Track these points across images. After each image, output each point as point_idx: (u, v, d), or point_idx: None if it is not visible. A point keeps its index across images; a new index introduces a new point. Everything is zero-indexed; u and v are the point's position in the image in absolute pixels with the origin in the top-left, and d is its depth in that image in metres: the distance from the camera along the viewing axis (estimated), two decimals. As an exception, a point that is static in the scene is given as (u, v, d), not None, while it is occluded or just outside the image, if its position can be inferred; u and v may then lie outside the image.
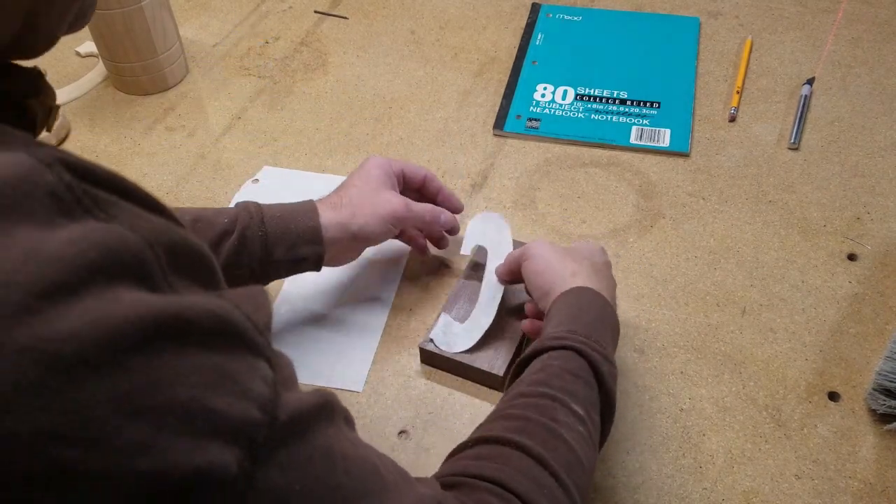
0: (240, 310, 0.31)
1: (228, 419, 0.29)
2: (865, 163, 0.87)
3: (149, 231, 0.30)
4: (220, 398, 0.29)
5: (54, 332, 0.25)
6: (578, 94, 0.96)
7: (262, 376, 0.31)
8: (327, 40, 1.07)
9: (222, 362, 0.29)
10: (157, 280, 0.29)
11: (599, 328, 0.57)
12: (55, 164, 0.28)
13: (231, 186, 0.87)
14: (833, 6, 1.08)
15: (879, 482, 0.62)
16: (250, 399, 0.30)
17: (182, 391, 0.28)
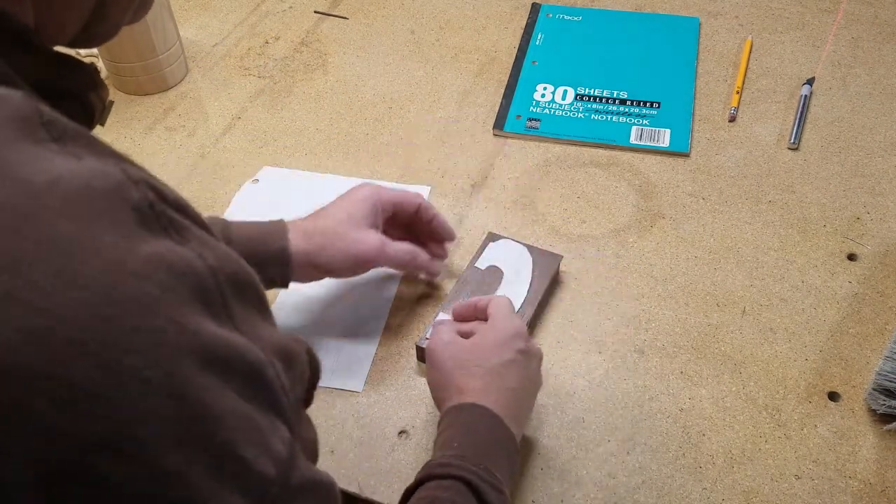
0: (273, 367, 0.32)
1: (251, 471, 0.29)
2: (865, 163, 0.87)
3: (215, 259, 0.31)
4: (248, 448, 0.29)
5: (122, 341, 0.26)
6: (578, 94, 0.96)
7: (281, 437, 0.31)
8: (327, 40, 1.07)
9: (252, 413, 0.30)
10: (216, 309, 0.30)
11: (490, 452, 0.54)
12: (141, 183, 0.30)
13: (231, 186, 0.87)
14: (833, 6, 1.08)
15: (879, 482, 0.62)
16: (270, 456, 0.30)
17: (221, 432, 0.28)
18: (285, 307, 0.75)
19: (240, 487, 0.28)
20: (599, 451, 0.64)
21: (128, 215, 0.29)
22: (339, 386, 0.69)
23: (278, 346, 0.33)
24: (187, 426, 0.27)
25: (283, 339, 0.34)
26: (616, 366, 0.70)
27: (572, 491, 0.62)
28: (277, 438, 0.31)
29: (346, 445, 0.65)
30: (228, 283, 0.31)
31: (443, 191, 0.86)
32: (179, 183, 0.88)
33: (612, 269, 0.77)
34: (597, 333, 0.72)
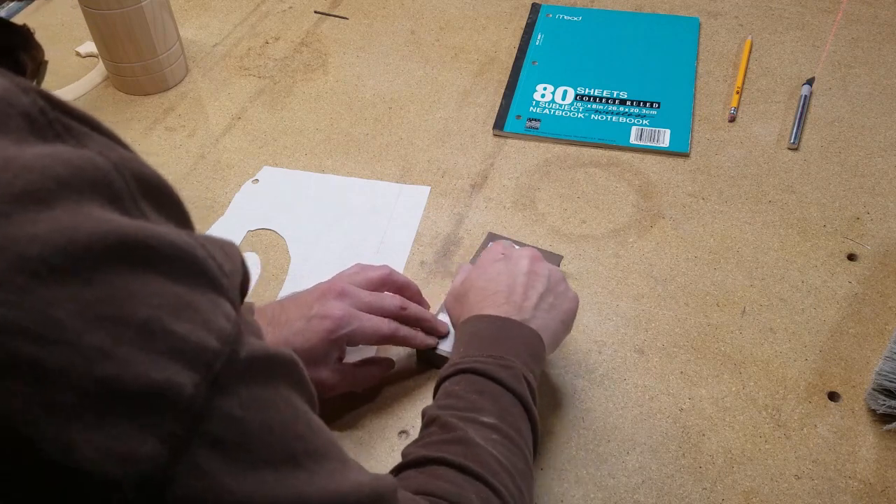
0: (205, 249, 0.32)
1: (187, 343, 0.29)
2: (865, 163, 0.87)
3: (119, 158, 0.31)
4: (180, 323, 0.29)
5: (23, 234, 0.26)
6: (578, 95, 0.96)
7: (225, 313, 0.31)
8: (327, 40, 1.07)
9: (184, 293, 0.30)
10: (126, 204, 0.30)
11: (494, 343, 0.57)
12: (31, 91, 0.30)
13: (231, 186, 0.87)
14: (833, 6, 1.08)
15: (879, 482, 0.62)
16: (211, 330, 0.30)
17: (143, 310, 0.28)
18: (285, 307, 0.75)
19: (177, 359, 0.28)
20: (599, 451, 0.64)
21: (17, 122, 0.29)
22: (339, 386, 0.69)
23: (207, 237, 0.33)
24: (103, 306, 0.27)
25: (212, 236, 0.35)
26: (616, 366, 0.70)
27: (572, 491, 0.62)
28: (220, 314, 0.31)
29: (346, 445, 0.65)
30: (136, 181, 0.31)
31: (443, 191, 0.86)
32: (179, 183, 0.88)
33: (612, 269, 0.77)
34: (597, 333, 0.72)
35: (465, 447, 0.49)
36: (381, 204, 0.85)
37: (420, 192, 0.86)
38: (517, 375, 0.55)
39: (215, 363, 0.30)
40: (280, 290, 0.77)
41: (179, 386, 0.28)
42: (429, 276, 0.77)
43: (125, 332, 0.27)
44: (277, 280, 0.78)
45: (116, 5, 0.89)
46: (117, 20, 0.90)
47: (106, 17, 0.90)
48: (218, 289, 0.32)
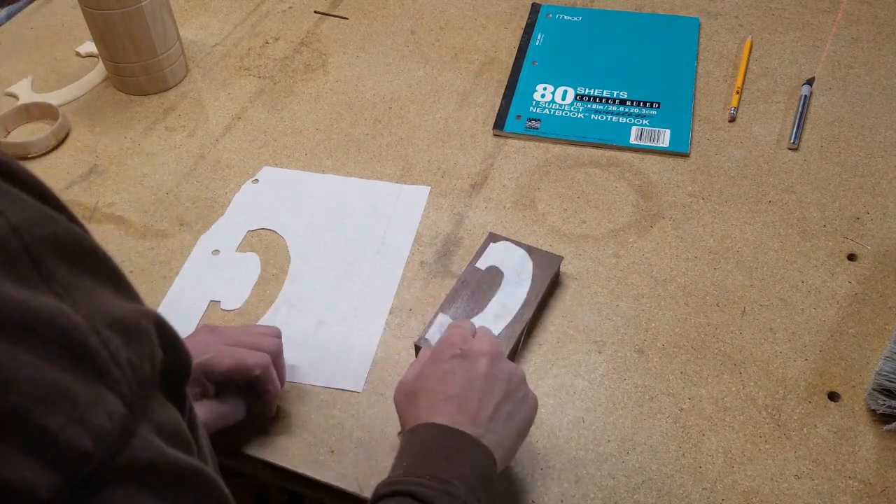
0: (98, 335, 0.29)
1: (53, 441, 0.26)
2: (865, 163, 0.87)
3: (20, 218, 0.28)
4: (51, 417, 0.26)
5: None
6: (578, 95, 0.96)
7: (108, 410, 0.28)
8: (327, 40, 1.07)
9: (63, 381, 0.27)
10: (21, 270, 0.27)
11: (440, 461, 0.51)
12: None
13: (231, 186, 0.87)
14: (833, 6, 1.08)
15: (879, 482, 0.62)
16: (85, 428, 0.27)
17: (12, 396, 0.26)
18: (285, 307, 0.75)
19: (39, 456, 0.26)
20: (599, 451, 0.64)
21: None
22: (339, 386, 0.69)
23: (115, 318, 0.30)
24: None
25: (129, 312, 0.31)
26: (616, 366, 0.70)
27: (572, 491, 0.62)
28: (101, 411, 0.28)
29: (346, 445, 0.65)
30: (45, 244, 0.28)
31: (443, 191, 0.86)
32: (179, 183, 0.88)
33: (612, 269, 0.77)
34: (597, 333, 0.72)
35: None
36: (381, 204, 0.85)
37: (420, 192, 0.86)
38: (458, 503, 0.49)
39: (84, 466, 0.27)
40: (280, 289, 0.77)
41: (33, 487, 0.26)
42: (429, 276, 0.77)
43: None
44: (277, 280, 0.78)
45: (116, 5, 0.89)
46: (117, 20, 0.90)
47: (106, 17, 0.90)
48: (105, 381, 0.29)
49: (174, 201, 0.86)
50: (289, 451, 0.65)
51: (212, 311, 0.75)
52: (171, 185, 0.88)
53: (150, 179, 0.88)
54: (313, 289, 0.77)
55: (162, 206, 0.85)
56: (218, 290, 0.77)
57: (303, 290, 0.77)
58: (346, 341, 0.72)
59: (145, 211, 0.85)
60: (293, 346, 0.71)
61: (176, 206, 0.85)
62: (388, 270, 0.78)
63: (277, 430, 0.66)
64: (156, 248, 0.81)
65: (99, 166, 0.90)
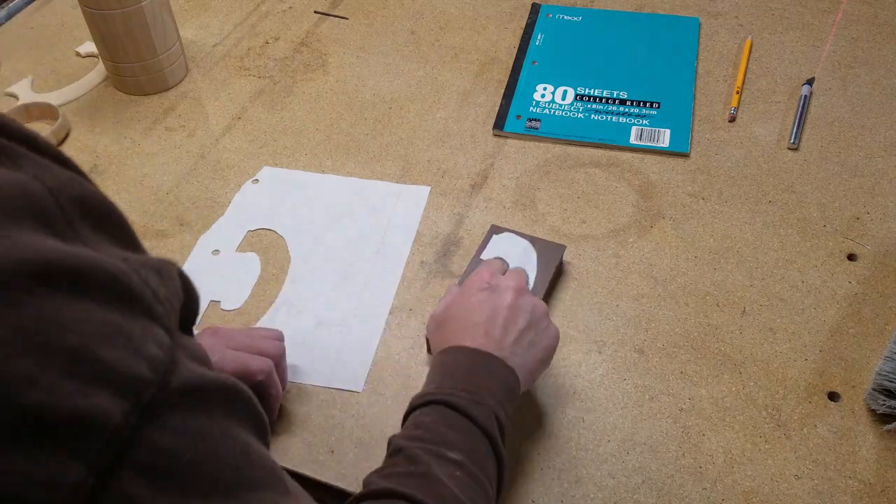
0: (139, 275, 0.31)
1: (116, 371, 0.29)
2: (865, 163, 0.87)
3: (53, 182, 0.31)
4: (110, 350, 0.29)
5: None
6: (578, 95, 0.96)
7: (157, 341, 0.31)
8: (327, 40, 1.07)
9: (115, 319, 0.30)
10: (59, 227, 0.30)
11: (468, 377, 0.56)
12: None
13: (231, 186, 0.87)
14: (833, 6, 1.08)
15: (879, 482, 0.62)
16: (141, 357, 0.30)
17: (71, 337, 0.28)
18: (285, 307, 0.75)
19: (106, 387, 0.28)
20: (599, 451, 0.64)
21: None
22: (339, 386, 0.69)
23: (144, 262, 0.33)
24: (32, 333, 0.27)
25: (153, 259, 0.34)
26: (616, 366, 0.70)
27: (572, 491, 0.62)
28: (152, 342, 0.31)
29: (346, 445, 0.65)
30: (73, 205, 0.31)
31: (443, 191, 0.86)
32: (179, 183, 0.88)
33: (612, 269, 0.77)
34: (597, 333, 0.72)
35: (426, 482, 0.49)
36: (381, 204, 0.85)
37: (420, 192, 0.86)
38: (489, 414, 0.54)
39: (145, 392, 0.30)
40: (280, 289, 0.77)
41: (106, 414, 0.28)
42: (429, 276, 0.77)
43: (54, 359, 0.27)
44: (277, 280, 0.78)
45: (116, 5, 0.89)
46: (117, 20, 0.90)
47: (106, 17, 0.90)
48: (151, 315, 0.31)
49: (174, 201, 0.86)
50: (289, 451, 0.65)
51: (212, 311, 0.75)
52: (171, 185, 0.88)
53: (150, 179, 0.88)
54: (313, 289, 0.77)
55: (162, 206, 0.85)
56: (218, 290, 0.77)
57: (303, 290, 0.77)
58: (346, 341, 0.72)
59: (145, 211, 0.85)
60: (293, 346, 0.71)
61: (176, 206, 0.85)
62: (388, 270, 0.78)
63: (277, 430, 0.66)
64: (156, 248, 0.81)
65: (99, 166, 0.90)
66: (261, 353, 0.63)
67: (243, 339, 0.63)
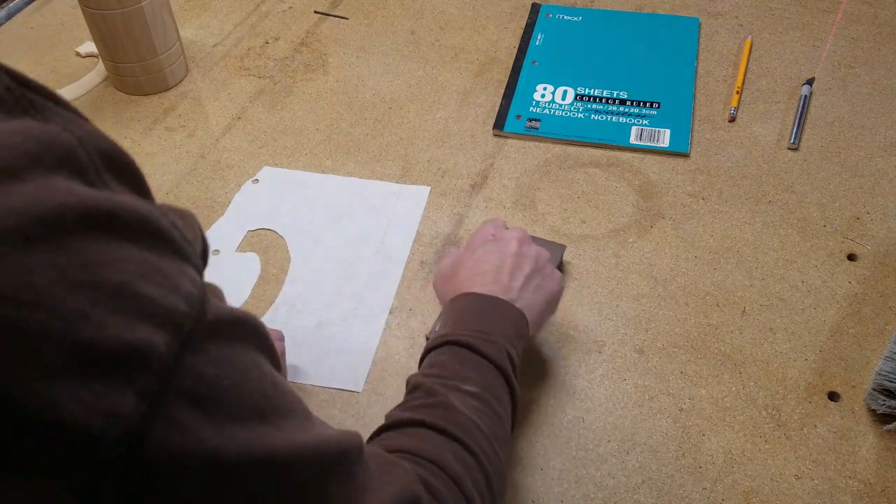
0: (167, 218, 0.33)
1: (157, 306, 0.30)
2: (865, 163, 0.87)
3: (82, 132, 0.32)
4: (151, 287, 0.30)
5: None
6: (578, 95, 0.96)
7: (191, 279, 0.33)
8: (327, 40, 1.07)
9: (152, 259, 0.31)
10: (90, 176, 0.31)
11: (479, 319, 0.58)
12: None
13: (231, 186, 0.87)
14: (833, 6, 1.08)
15: (879, 482, 0.62)
16: (179, 293, 0.31)
17: (114, 274, 0.29)
18: (285, 307, 0.75)
19: (149, 320, 0.30)
20: (599, 451, 0.64)
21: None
22: (339, 386, 0.69)
23: (168, 208, 0.35)
24: (79, 272, 0.28)
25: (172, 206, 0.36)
26: (616, 366, 0.70)
27: (572, 491, 0.62)
28: (186, 279, 0.32)
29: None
30: (100, 156, 0.32)
31: (443, 191, 0.86)
32: (179, 183, 0.88)
33: (612, 269, 0.77)
34: (597, 333, 0.72)
35: (445, 411, 0.51)
36: (380, 204, 0.85)
37: (420, 192, 0.86)
38: (500, 351, 0.56)
39: (185, 324, 0.31)
40: (280, 289, 0.77)
41: (153, 345, 0.29)
42: (429, 276, 0.77)
43: (100, 296, 0.29)
44: (277, 280, 0.78)
45: (116, 5, 0.89)
46: (117, 20, 0.90)
47: (106, 17, 0.90)
48: (182, 255, 0.33)
49: (174, 201, 0.86)
50: (289, 451, 0.65)
51: (212, 311, 0.75)
52: (171, 185, 0.88)
53: (150, 179, 0.87)
54: (313, 289, 0.77)
55: (162, 206, 0.85)
56: (218, 290, 0.77)
57: (303, 290, 0.77)
58: (346, 341, 0.72)
59: (145, 211, 0.85)
60: (293, 345, 0.71)
61: (176, 205, 0.85)
62: (388, 270, 0.78)
63: (277, 430, 0.66)
64: (156, 248, 0.81)
65: (99, 166, 0.90)
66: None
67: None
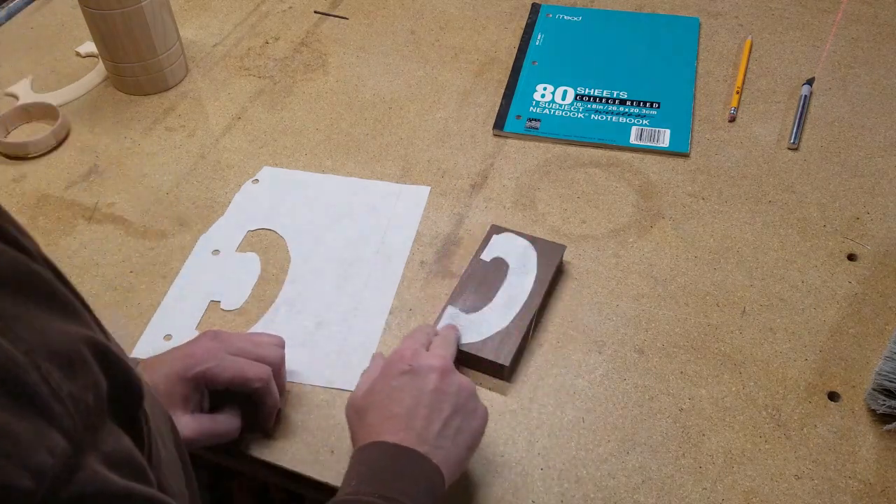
0: (39, 372, 0.29)
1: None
2: (865, 163, 0.87)
3: None
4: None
5: None
6: (578, 95, 0.96)
7: (50, 446, 0.28)
8: (327, 40, 1.07)
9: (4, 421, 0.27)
10: None
11: (388, 478, 0.52)
12: None
13: (231, 186, 0.87)
14: (833, 6, 1.08)
15: (879, 482, 0.62)
16: (26, 467, 0.27)
17: None
18: (285, 307, 0.75)
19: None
20: (599, 451, 0.64)
21: None
22: (339, 386, 0.69)
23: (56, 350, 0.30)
24: None
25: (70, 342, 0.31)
26: (616, 366, 0.70)
27: (572, 491, 0.62)
28: (42, 447, 0.28)
29: (346, 445, 0.65)
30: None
31: (443, 191, 0.86)
32: (179, 183, 0.88)
33: (612, 269, 0.77)
34: (597, 333, 0.72)
35: None
36: (381, 204, 0.85)
37: (420, 192, 0.86)
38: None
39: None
40: (280, 289, 0.77)
41: None
42: (429, 276, 0.77)
43: None
44: (277, 280, 0.78)
45: (116, 5, 0.89)
46: (117, 20, 0.90)
47: (106, 17, 0.90)
48: (47, 416, 0.29)
49: (174, 201, 0.86)
50: (289, 452, 0.65)
51: (212, 311, 0.75)
52: (171, 185, 0.88)
53: (150, 179, 0.88)
54: (313, 289, 0.77)
55: (162, 206, 0.85)
56: (218, 290, 0.77)
57: (303, 290, 0.77)
58: (346, 341, 0.72)
59: (145, 211, 0.85)
60: (293, 346, 0.71)
61: (176, 206, 0.85)
62: (388, 270, 0.78)
63: (277, 430, 0.66)
64: (156, 248, 0.81)
65: (99, 166, 0.90)
66: (260, 359, 0.62)
67: (243, 344, 0.63)
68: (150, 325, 0.74)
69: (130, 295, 0.77)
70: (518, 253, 0.75)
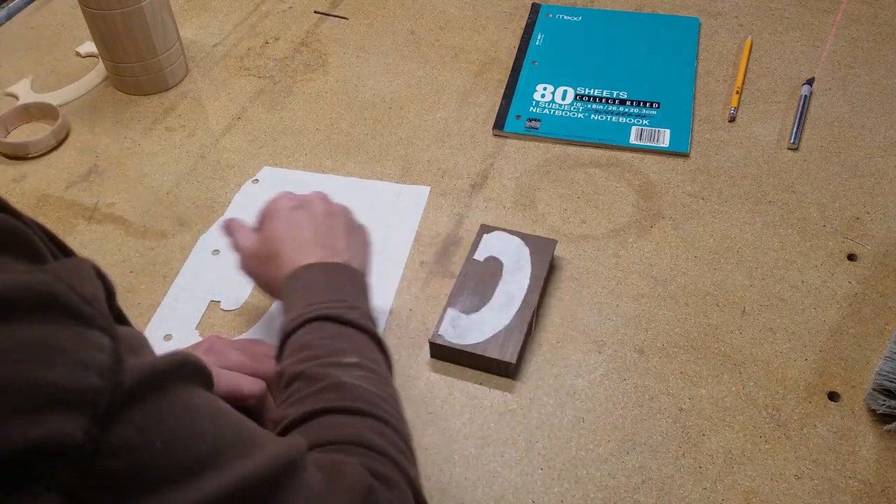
0: (63, 282, 0.30)
1: (64, 390, 0.28)
2: (865, 163, 0.87)
3: None
4: (52, 370, 0.28)
5: None
6: (578, 95, 0.96)
7: (96, 345, 0.30)
8: (327, 40, 1.07)
9: (49, 335, 0.29)
10: None
11: (335, 288, 0.58)
12: None
13: (231, 186, 0.87)
14: (833, 6, 1.08)
15: (879, 482, 0.62)
16: (87, 367, 0.29)
17: (6, 369, 0.27)
18: (285, 307, 0.75)
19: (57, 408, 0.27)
20: (599, 451, 0.64)
21: None
22: (339, 386, 0.69)
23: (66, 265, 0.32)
24: None
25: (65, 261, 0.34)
26: (616, 366, 0.70)
27: (572, 491, 0.62)
28: (91, 348, 0.30)
29: (346, 445, 0.65)
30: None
31: (443, 191, 0.86)
32: (179, 183, 0.88)
33: (612, 269, 0.77)
34: (597, 333, 0.72)
35: (340, 391, 0.50)
36: (380, 204, 0.85)
37: (420, 192, 0.86)
38: (364, 314, 0.56)
39: (100, 400, 0.29)
40: (280, 290, 0.77)
41: (66, 436, 0.27)
42: (429, 276, 0.77)
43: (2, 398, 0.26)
44: (277, 280, 0.78)
45: (116, 5, 0.89)
46: (117, 20, 0.90)
47: (106, 17, 0.90)
48: (82, 319, 0.30)
49: (174, 201, 0.86)
50: (289, 451, 0.65)
51: (212, 311, 0.75)
52: (171, 185, 0.88)
53: (150, 179, 0.88)
54: (313, 289, 0.77)
55: (162, 206, 0.85)
56: (218, 290, 0.77)
57: (303, 290, 0.77)
58: (346, 341, 0.72)
59: (145, 211, 0.85)
60: (293, 346, 0.71)
61: (176, 206, 0.85)
62: (388, 270, 0.78)
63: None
64: (156, 248, 0.81)
65: (99, 166, 0.90)
66: (256, 373, 0.61)
67: (241, 357, 0.62)
68: (150, 325, 0.74)
69: (130, 295, 0.77)
70: (511, 250, 0.75)
